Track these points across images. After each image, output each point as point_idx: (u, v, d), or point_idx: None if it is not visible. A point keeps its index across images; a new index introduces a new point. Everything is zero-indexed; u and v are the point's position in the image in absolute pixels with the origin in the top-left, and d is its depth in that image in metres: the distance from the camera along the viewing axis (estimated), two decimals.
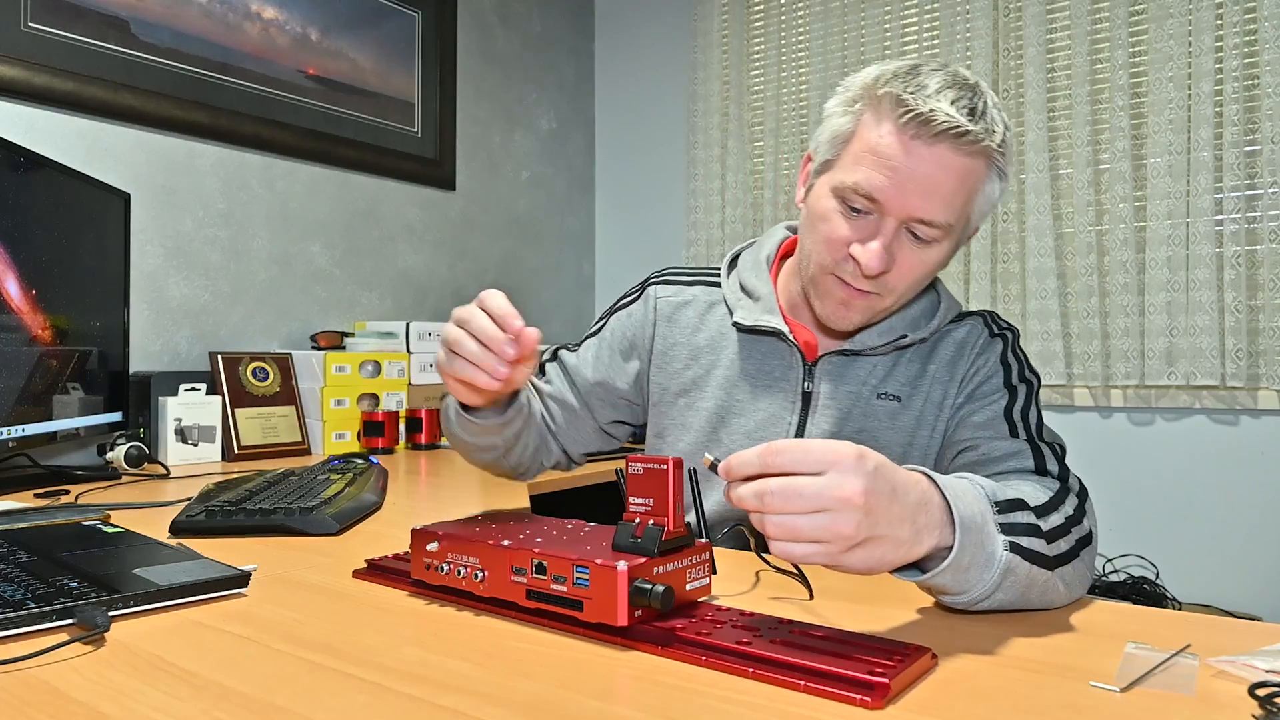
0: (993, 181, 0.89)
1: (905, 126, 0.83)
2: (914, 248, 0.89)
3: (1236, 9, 2.05)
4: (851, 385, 1.01)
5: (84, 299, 1.54)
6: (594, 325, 1.16)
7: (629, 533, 0.65)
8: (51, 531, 0.93)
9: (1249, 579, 2.09)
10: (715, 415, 1.05)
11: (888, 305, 0.94)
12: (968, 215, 0.90)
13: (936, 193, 0.85)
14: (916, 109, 0.82)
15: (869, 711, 0.50)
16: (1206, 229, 2.07)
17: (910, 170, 0.84)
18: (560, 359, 1.15)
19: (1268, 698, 0.50)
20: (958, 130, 0.82)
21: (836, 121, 0.90)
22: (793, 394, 1.02)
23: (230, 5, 2.04)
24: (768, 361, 1.03)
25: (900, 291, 0.92)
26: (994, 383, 0.98)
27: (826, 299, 0.94)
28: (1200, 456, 2.15)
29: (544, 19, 2.96)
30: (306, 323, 2.21)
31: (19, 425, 1.34)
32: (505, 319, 0.81)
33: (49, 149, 1.68)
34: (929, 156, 0.84)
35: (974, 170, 0.86)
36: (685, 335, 1.09)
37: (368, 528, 1.08)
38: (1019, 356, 1.01)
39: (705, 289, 1.11)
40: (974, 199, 0.89)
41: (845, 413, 1.00)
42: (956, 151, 0.84)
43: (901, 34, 2.54)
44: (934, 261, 0.91)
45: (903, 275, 0.90)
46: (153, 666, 0.58)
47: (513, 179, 2.85)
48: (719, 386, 1.05)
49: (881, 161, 0.85)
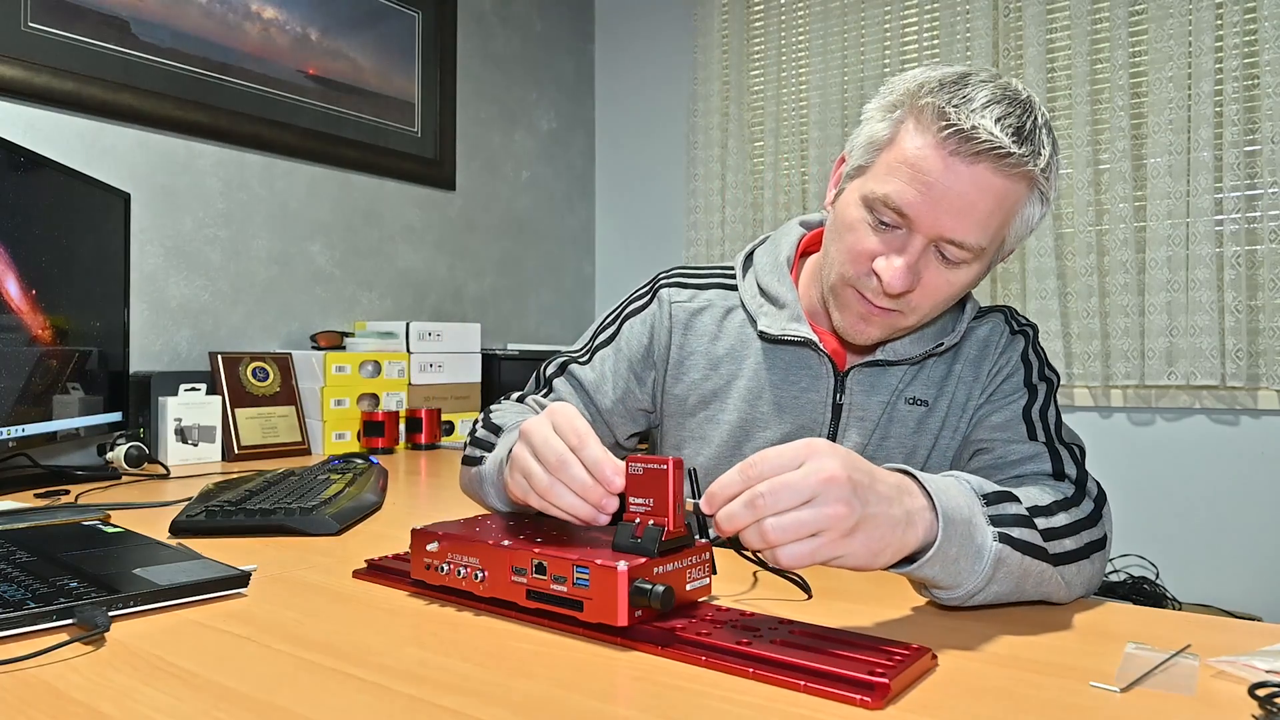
0: (1033, 205, 0.84)
1: (945, 141, 0.79)
2: (941, 268, 0.85)
3: (1236, 9, 2.05)
4: (883, 395, 0.97)
5: (84, 299, 1.54)
6: (601, 329, 1.09)
7: (629, 533, 0.65)
8: (51, 531, 0.93)
9: (1249, 579, 2.09)
10: (738, 429, 1.00)
11: (909, 325, 0.90)
12: (1002, 238, 0.85)
13: (971, 214, 0.80)
14: (959, 124, 0.77)
15: (869, 711, 0.50)
16: (1206, 229, 2.07)
17: (946, 188, 0.79)
18: (572, 374, 1.08)
19: (1268, 698, 0.50)
20: (1001, 151, 0.77)
21: (874, 126, 0.86)
22: (823, 406, 0.98)
23: (230, 5, 2.04)
24: (794, 372, 0.99)
25: (923, 312, 0.88)
26: (1014, 381, 0.96)
27: (846, 311, 0.91)
28: (1200, 456, 2.15)
29: (544, 19, 2.96)
30: (306, 323, 2.21)
31: (19, 425, 1.34)
32: (604, 478, 0.69)
33: (49, 149, 1.68)
34: (967, 175, 0.79)
35: (1014, 193, 0.81)
36: (703, 344, 1.03)
37: (368, 528, 1.08)
38: (1039, 354, 0.99)
39: (720, 292, 1.05)
40: (1010, 222, 0.84)
41: (875, 422, 0.97)
42: (997, 173, 0.79)
43: (901, 34, 2.54)
44: (961, 283, 0.86)
45: (927, 295, 0.86)
46: (153, 666, 0.58)
47: (513, 179, 2.85)
48: (741, 398, 1.00)
49: (916, 175, 0.80)
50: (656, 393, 1.06)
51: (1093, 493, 0.83)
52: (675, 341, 1.04)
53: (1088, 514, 0.79)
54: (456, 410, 2.19)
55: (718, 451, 1.01)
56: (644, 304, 1.07)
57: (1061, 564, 0.72)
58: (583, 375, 1.06)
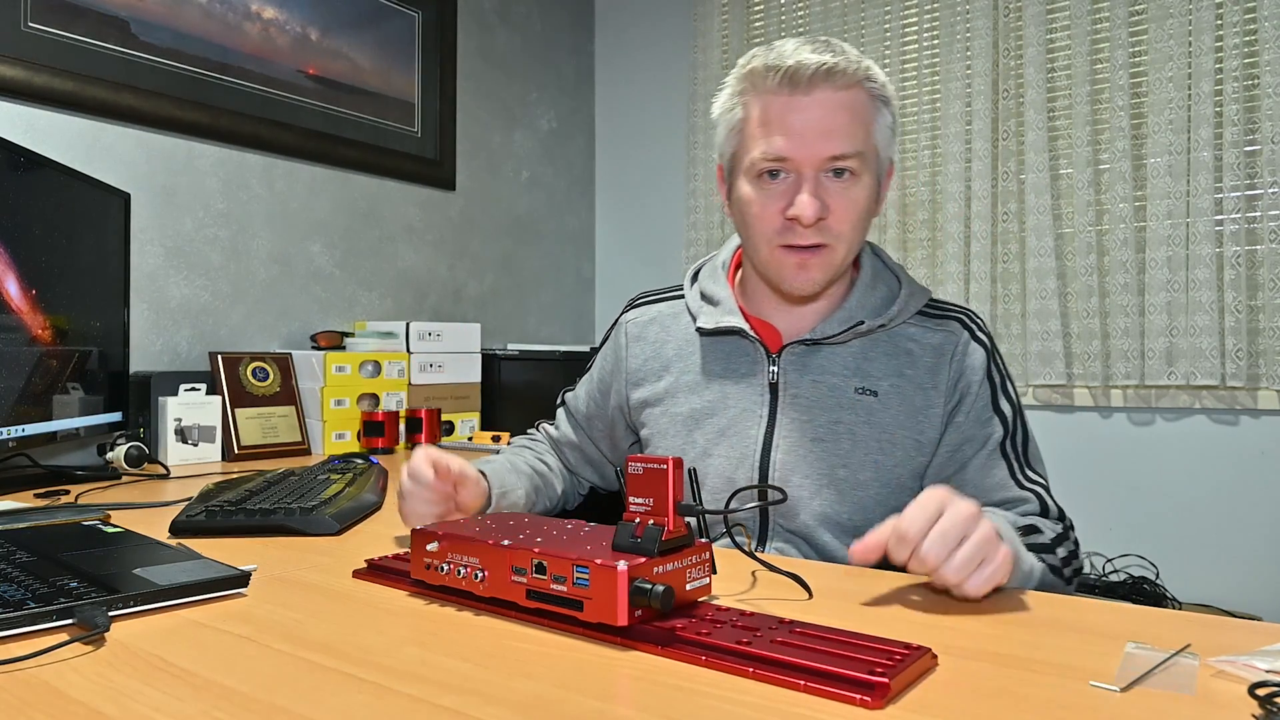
0: (880, 111, 0.96)
1: (781, 86, 0.93)
2: (840, 188, 0.95)
3: (1236, 9, 2.05)
4: (818, 375, 1.03)
5: (84, 299, 1.54)
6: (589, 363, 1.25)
7: (629, 533, 0.65)
8: (51, 531, 0.93)
9: (1249, 579, 2.09)
10: (689, 418, 1.08)
11: (841, 254, 0.98)
12: (873, 146, 0.96)
13: (834, 129, 0.92)
14: (783, 65, 0.92)
15: (869, 711, 0.50)
16: (1206, 229, 2.07)
17: (803, 120, 0.92)
18: (566, 403, 1.25)
19: (1268, 697, 0.50)
20: (825, 68, 0.91)
21: (726, 118, 1.00)
22: (760, 386, 1.04)
23: (230, 5, 2.04)
24: (733, 360, 1.07)
25: (846, 235, 0.97)
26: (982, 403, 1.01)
27: (783, 269, 0.98)
28: (1200, 456, 2.15)
29: (544, 19, 2.96)
30: (306, 323, 2.21)
31: (19, 425, 1.34)
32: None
33: (49, 149, 1.69)
34: (812, 102, 0.92)
35: (857, 100, 0.94)
36: (654, 349, 1.13)
37: (368, 528, 1.08)
38: (1000, 368, 1.04)
39: (671, 304, 1.16)
40: (871, 129, 0.96)
41: (817, 402, 1.02)
42: (833, 88, 0.92)
43: (901, 34, 2.54)
44: (863, 199, 0.96)
45: (841, 218, 0.95)
46: (153, 666, 0.58)
47: (513, 179, 2.85)
48: (690, 391, 1.08)
49: (776, 124, 0.93)
50: (622, 401, 1.16)
51: (1070, 524, 0.96)
52: (631, 353, 1.15)
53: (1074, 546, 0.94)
54: (456, 410, 2.19)
55: (673, 442, 1.09)
56: (609, 333, 1.21)
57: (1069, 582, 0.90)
58: (571, 401, 1.24)
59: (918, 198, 2.51)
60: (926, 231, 2.50)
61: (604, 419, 1.20)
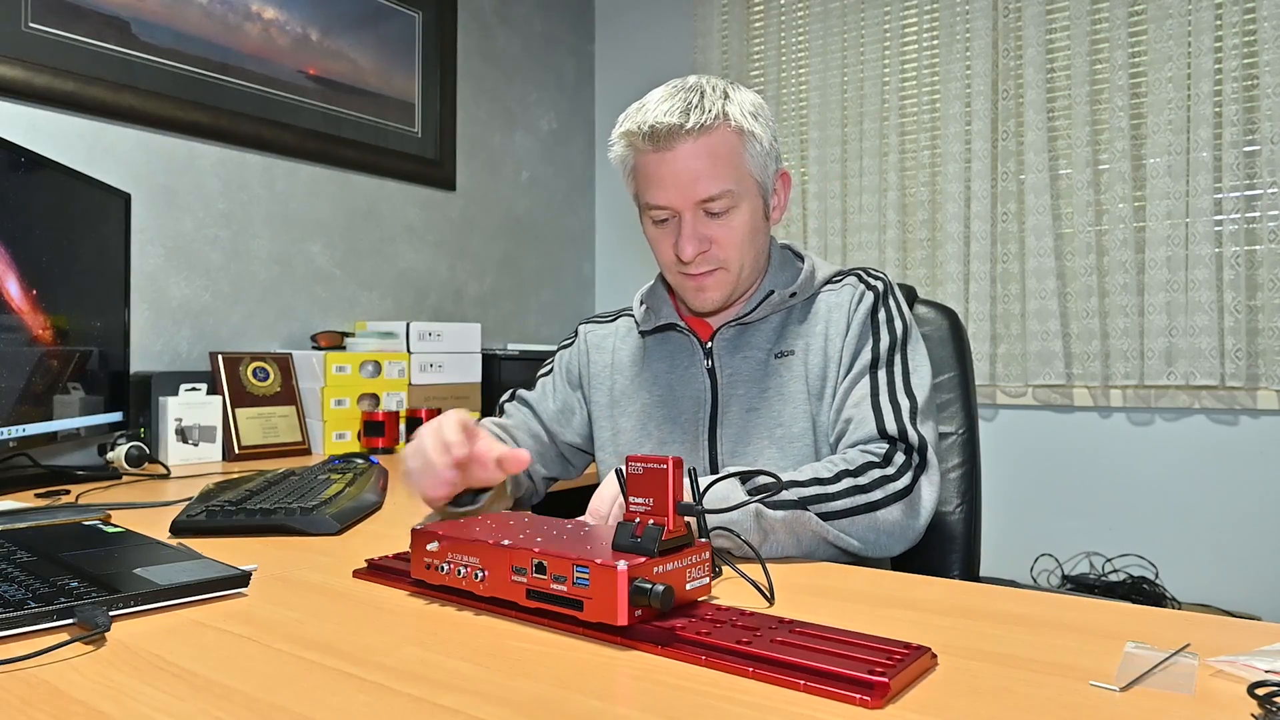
0: (747, 142, 1.02)
1: (648, 145, 1.01)
2: (719, 222, 1.03)
3: (1236, 9, 2.05)
4: (747, 350, 1.11)
5: (84, 299, 1.54)
6: (542, 370, 1.30)
7: (629, 532, 0.65)
8: (52, 531, 0.93)
9: (1249, 579, 2.09)
10: (643, 413, 1.16)
11: (734, 274, 1.07)
12: (746, 175, 1.03)
13: (698, 176, 1.00)
14: (641, 129, 1.00)
15: (869, 711, 0.51)
16: (1206, 229, 2.07)
17: (672, 174, 1.01)
18: (520, 397, 1.29)
19: (1267, 697, 0.50)
20: (676, 127, 0.98)
21: (621, 167, 1.09)
22: (701, 374, 1.13)
23: (230, 5, 2.04)
24: (676, 355, 1.16)
25: (735, 258, 1.05)
26: (861, 333, 1.06)
27: (686, 292, 1.10)
28: (1200, 456, 2.15)
29: (544, 19, 2.96)
30: (307, 323, 2.21)
31: (19, 425, 1.34)
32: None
33: (49, 149, 1.69)
34: (673, 157, 1.00)
35: (718, 143, 1.00)
36: (608, 357, 1.23)
37: (368, 528, 1.08)
38: (890, 308, 1.09)
39: (625, 320, 1.26)
40: (739, 162, 1.02)
41: (748, 375, 1.11)
42: (692, 139, 0.99)
43: (901, 34, 2.54)
44: (745, 224, 1.04)
45: (725, 245, 1.04)
46: (153, 666, 0.58)
47: (513, 179, 2.85)
48: (641, 388, 1.18)
49: (652, 179, 1.03)
50: (585, 401, 1.25)
51: (913, 444, 0.96)
52: (590, 360, 1.24)
53: (897, 468, 0.93)
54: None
55: (629, 438, 1.17)
56: (570, 343, 1.29)
57: (835, 519, 0.88)
58: (529, 395, 1.28)
59: (917, 198, 2.51)
60: (926, 231, 2.50)
61: (568, 408, 1.25)
